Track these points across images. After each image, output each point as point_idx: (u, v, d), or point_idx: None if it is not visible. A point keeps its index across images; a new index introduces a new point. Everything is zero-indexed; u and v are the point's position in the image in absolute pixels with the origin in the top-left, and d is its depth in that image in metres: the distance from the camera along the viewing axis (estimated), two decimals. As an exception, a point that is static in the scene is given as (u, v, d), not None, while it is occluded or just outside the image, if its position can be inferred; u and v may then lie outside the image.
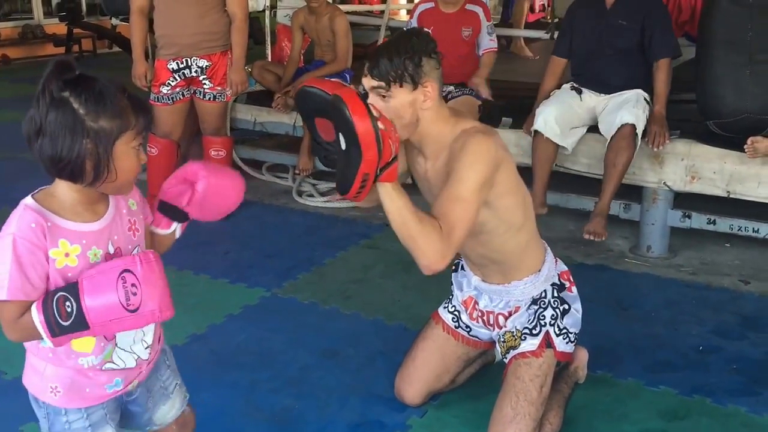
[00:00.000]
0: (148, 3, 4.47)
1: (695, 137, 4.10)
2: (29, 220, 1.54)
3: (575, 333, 2.55)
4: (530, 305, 2.52)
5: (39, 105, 1.51)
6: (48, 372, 1.68)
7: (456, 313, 2.71)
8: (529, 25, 10.30)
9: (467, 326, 2.69)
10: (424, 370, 2.69)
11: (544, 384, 2.44)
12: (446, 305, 2.76)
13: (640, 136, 3.87)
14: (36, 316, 1.52)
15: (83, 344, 1.63)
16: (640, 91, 4.08)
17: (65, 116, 1.50)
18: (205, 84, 4.49)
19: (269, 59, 6.39)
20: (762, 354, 3.12)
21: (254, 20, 4.95)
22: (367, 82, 2.23)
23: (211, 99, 4.53)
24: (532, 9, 12.12)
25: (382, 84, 2.19)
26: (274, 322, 3.37)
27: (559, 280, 2.57)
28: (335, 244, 4.26)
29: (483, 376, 2.88)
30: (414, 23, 4.89)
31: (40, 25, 11.76)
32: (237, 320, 3.38)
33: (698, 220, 4.09)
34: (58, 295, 1.52)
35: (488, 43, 4.70)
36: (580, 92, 4.21)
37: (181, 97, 4.53)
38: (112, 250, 1.65)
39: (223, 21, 4.45)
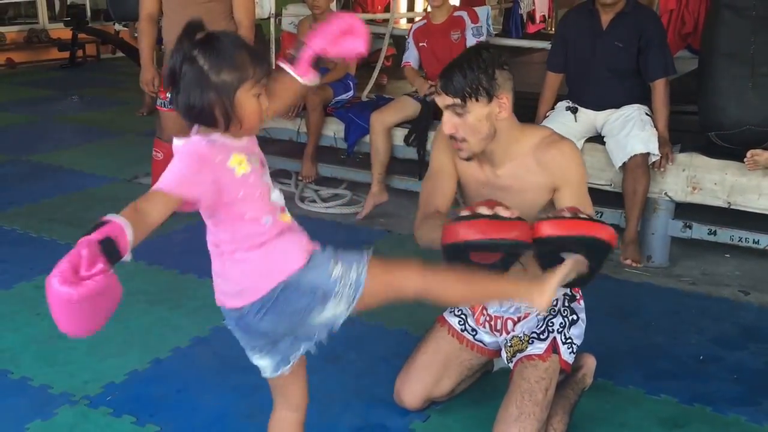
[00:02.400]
0: (158, 10, 4.49)
1: (696, 149, 4.13)
2: (203, 141, 1.74)
3: (578, 345, 2.60)
4: (540, 312, 2.52)
5: (175, 60, 1.73)
6: (294, 240, 1.88)
7: (462, 316, 2.72)
8: (529, 36, 10.33)
9: (473, 329, 2.69)
10: (425, 372, 2.69)
11: (549, 387, 2.46)
12: (452, 309, 2.76)
13: (651, 159, 3.95)
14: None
15: (285, 218, 1.90)
16: (640, 106, 4.12)
17: (194, 72, 1.71)
18: None
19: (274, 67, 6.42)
20: (762, 364, 3.14)
21: (257, 28, 5.00)
22: (442, 100, 2.27)
23: None
24: (532, 20, 12.16)
25: (458, 101, 2.24)
26: (276, 326, 3.38)
27: (571, 291, 2.59)
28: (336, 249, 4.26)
29: (485, 382, 2.90)
30: (411, 41, 5.00)
31: (45, 29, 11.79)
32: (240, 324, 3.39)
33: (699, 231, 4.11)
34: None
35: (474, 42, 4.76)
36: (575, 111, 4.25)
37: None
38: (262, 158, 1.87)
39: (230, 29, 4.47)
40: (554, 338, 2.52)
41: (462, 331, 2.72)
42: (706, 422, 2.72)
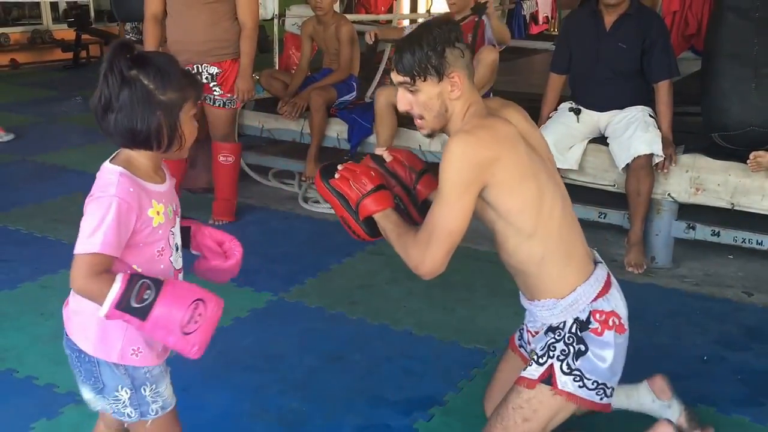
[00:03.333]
0: (162, 10, 4.50)
1: (700, 150, 4.13)
2: (127, 185, 1.71)
3: (596, 381, 2.24)
4: (547, 331, 2.31)
5: (109, 83, 1.68)
6: (128, 336, 1.80)
7: (522, 330, 2.55)
8: (532, 38, 10.35)
9: (528, 340, 2.48)
10: (497, 389, 2.55)
11: (528, 419, 2.25)
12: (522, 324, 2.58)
13: (655, 160, 3.95)
14: (117, 284, 1.65)
15: None
16: (644, 108, 4.12)
17: (138, 92, 1.68)
18: (215, 91, 4.52)
19: (277, 67, 6.43)
20: (766, 365, 3.15)
21: (260, 29, 5.00)
22: (394, 77, 2.22)
23: (221, 105, 4.56)
24: (535, 21, 12.17)
25: (407, 79, 2.18)
26: (281, 325, 3.39)
27: (588, 317, 2.26)
28: (341, 250, 4.28)
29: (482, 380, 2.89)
30: None
31: (49, 30, 11.82)
32: (244, 323, 3.40)
33: (702, 232, 4.11)
34: (144, 281, 1.67)
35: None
36: (578, 112, 4.26)
37: None
38: (175, 208, 1.87)
39: (234, 29, 4.48)
40: (551, 365, 2.25)
41: (519, 347, 2.56)
42: (711, 423, 2.70)
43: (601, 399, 2.26)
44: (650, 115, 4.11)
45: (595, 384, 2.24)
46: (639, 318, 3.52)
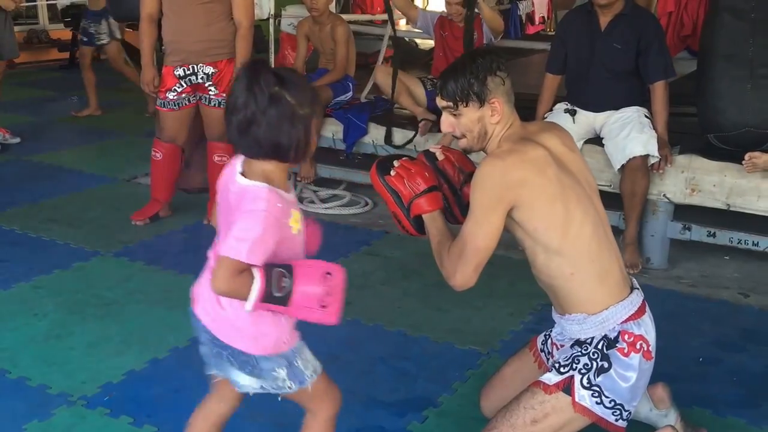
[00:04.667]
0: (158, 10, 4.49)
1: (695, 150, 4.12)
2: (275, 200, 1.82)
3: (614, 400, 2.26)
4: (573, 344, 2.37)
5: (257, 100, 1.77)
6: (276, 330, 1.95)
7: (547, 335, 2.59)
8: (528, 38, 10.31)
9: (550, 352, 2.54)
10: (502, 388, 2.59)
11: (537, 421, 2.28)
12: (550, 329, 2.61)
13: (651, 160, 3.95)
14: (257, 279, 1.78)
15: None
16: (639, 108, 4.12)
17: (283, 108, 1.78)
18: (210, 90, 4.51)
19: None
20: (762, 367, 3.14)
21: (256, 29, 4.98)
22: (439, 101, 2.39)
23: (217, 105, 4.55)
24: (531, 21, 12.14)
25: (450, 104, 2.35)
26: (274, 327, 3.38)
27: (617, 336, 2.29)
28: (336, 251, 4.26)
29: (482, 383, 2.88)
30: (430, 18, 5.13)
31: (45, 30, 11.79)
32: (238, 324, 3.39)
33: (698, 233, 4.11)
34: (277, 270, 1.80)
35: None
36: (574, 113, 4.25)
37: (187, 103, 4.55)
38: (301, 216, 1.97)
39: (229, 29, 4.47)
40: (572, 377, 2.28)
41: (541, 351, 2.59)
42: (706, 425, 2.71)
43: (617, 420, 2.28)
44: (646, 116, 4.11)
45: (613, 403, 2.26)
46: (634, 319, 3.53)
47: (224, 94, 4.54)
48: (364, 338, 3.30)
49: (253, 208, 1.79)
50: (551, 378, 2.31)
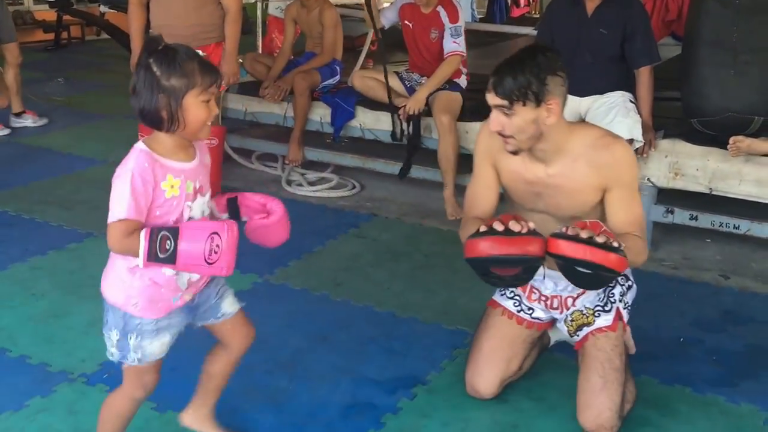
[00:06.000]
0: None
1: (679, 135, 4.20)
2: (143, 161, 1.97)
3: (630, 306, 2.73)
4: None
5: (137, 70, 1.96)
6: (133, 287, 2.06)
7: (517, 297, 2.79)
8: (513, 21, 10.35)
9: (529, 308, 2.76)
10: (494, 357, 2.73)
11: (623, 353, 2.61)
12: (503, 293, 2.82)
13: (636, 145, 4.00)
14: (142, 242, 1.92)
15: None
16: (624, 93, 4.17)
17: (147, 77, 1.93)
18: None
19: (260, 51, 6.44)
20: (741, 347, 3.23)
21: (243, 12, 5.04)
22: (491, 99, 2.31)
23: None
24: (517, 3, 12.16)
25: (505, 102, 2.28)
26: (266, 307, 3.43)
27: None
28: (324, 233, 4.33)
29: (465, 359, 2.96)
30: (394, 12, 5.00)
31: (30, 11, 11.70)
32: (231, 305, 3.44)
33: (681, 216, 4.17)
34: (162, 233, 1.93)
35: (451, 45, 4.66)
36: None
37: None
38: (198, 186, 2.08)
39: (218, 13, 4.50)
40: (617, 308, 2.64)
41: (518, 312, 2.78)
42: (686, 402, 2.81)
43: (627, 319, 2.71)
44: (631, 101, 4.17)
45: (629, 307, 2.72)
46: (618, 300, 3.61)
47: None
48: (354, 319, 3.37)
49: (122, 169, 1.97)
50: (607, 319, 2.63)
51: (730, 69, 3.96)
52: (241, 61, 5.47)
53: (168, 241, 1.91)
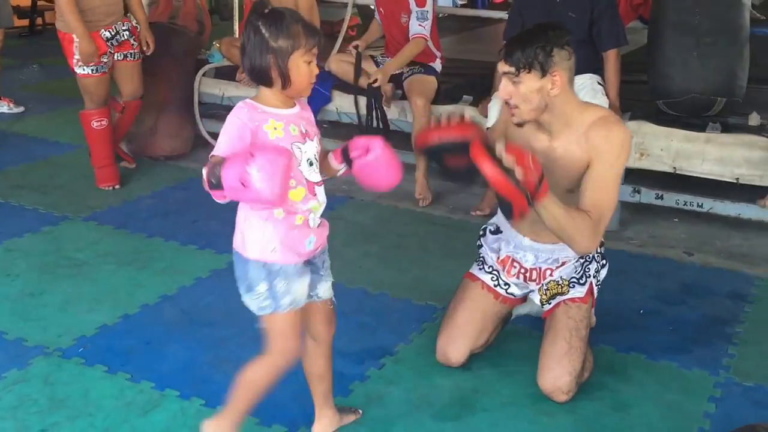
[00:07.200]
0: None
1: (645, 116, 4.29)
2: (243, 108, 2.12)
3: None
4: (578, 259, 2.79)
5: (246, 32, 2.08)
6: (266, 236, 2.16)
7: (495, 272, 2.91)
8: (495, 7, 10.39)
9: (506, 284, 2.89)
10: (467, 328, 2.88)
11: (588, 326, 2.79)
12: (481, 267, 2.95)
13: None
14: (204, 169, 2.04)
15: (295, 195, 2.16)
16: (593, 75, 4.25)
17: (257, 38, 2.06)
18: (133, 45, 4.67)
19: (237, 35, 6.47)
20: (698, 317, 3.35)
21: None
22: (501, 66, 2.50)
23: (137, 58, 4.72)
24: (499, -11, 12.19)
25: (513, 70, 2.45)
26: (240, 284, 3.51)
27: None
28: (299, 215, 4.38)
29: (430, 333, 3.06)
30: None
31: (5, -3, 11.66)
32: (206, 283, 3.53)
33: (647, 196, 4.27)
34: (216, 161, 2.03)
35: (416, 27, 4.71)
36: None
37: (111, 64, 4.65)
38: (304, 130, 2.17)
39: None
40: (591, 282, 2.81)
41: (495, 286, 2.91)
42: (640, 368, 2.93)
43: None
44: (599, 83, 4.25)
45: (599, 284, 2.89)
46: (582, 276, 3.71)
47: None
48: (326, 295, 3.44)
49: (228, 117, 2.11)
50: (580, 290, 2.79)
51: (693, 51, 4.07)
52: (218, 45, 5.54)
53: (216, 167, 2.00)
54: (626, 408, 2.71)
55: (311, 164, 2.19)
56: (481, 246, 3.00)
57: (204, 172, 2.04)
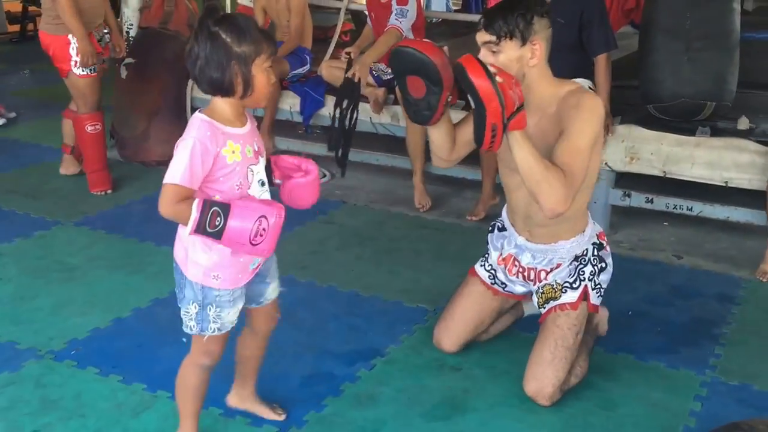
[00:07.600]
0: None
1: (635, 120, 4.31)
2: (206, 129, 2.03)
3: (605, 288, 2.86)
4: (572, 261, 2.78)
5: (198, 40, 1.99)
6: (212, 261, 2.14)
7: (492, 271, 2.95)
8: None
9: (503, 283, 2.94)
10: (462, 322, 2.96)
11: (579, 332, 2.76)
12: (483, 263, 3.00)
13: None
14: (194, 213, 1.98)
15: None
16: (583, 80, 4.28)
17: (215, 44, 1.97)
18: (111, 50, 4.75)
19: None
20: (686, 319, 3.38)
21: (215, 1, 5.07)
22: (480, 36, 2.47)
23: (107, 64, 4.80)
24: (494, -6, 12.20)
25: (493, 38, 2.43)
26: (232, 288, 3.52)
27: (598, 239, 2.84)
28: (292, 219, 4.28)
29: (427, 334, 3.08)
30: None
31: (-5, 3, 11.65)
32: (197, 286, 3.53)
33: (637, 199, 4.30)
34: (215, 208, 1.99)
35: (393, 20, 4.73)
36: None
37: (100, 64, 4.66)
38: (256, 148, 2.15)
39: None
40: (585, 286, 2.78)
41: (492, 284, 2.95)
42: (628, 368, 2.96)
43: (600, 301, 2.86)
44: (590, 88, 4.27)
45: (603, 290, 2.86)
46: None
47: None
48: (317, 298, 3.47)
49: (185, 137, 2.03)
50: (572, 296, 2.77)
51: (683, 56, 4.10)
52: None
53: (218, 218, 1.97)
54: (614, 407, 2.74)
55: (263, 185, 2.19)
56: (488, 242, 3.03)
57: (194, 215, 1.98)
